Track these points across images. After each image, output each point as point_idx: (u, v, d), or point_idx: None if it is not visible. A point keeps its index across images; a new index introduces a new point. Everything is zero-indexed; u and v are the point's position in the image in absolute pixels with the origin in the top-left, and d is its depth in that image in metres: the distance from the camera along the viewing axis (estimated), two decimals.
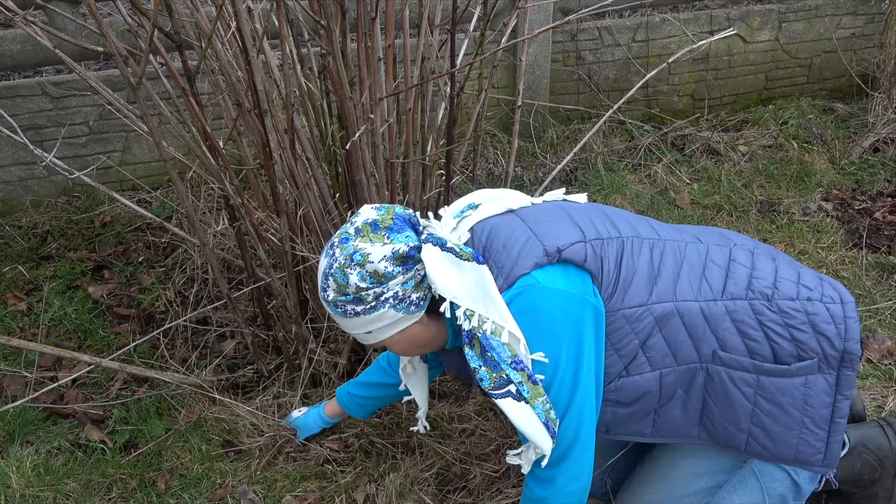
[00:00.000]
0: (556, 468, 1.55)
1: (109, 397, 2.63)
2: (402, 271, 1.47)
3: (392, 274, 1.46)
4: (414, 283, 1.50)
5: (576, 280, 1.47)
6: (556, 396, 1.47)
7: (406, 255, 1.47)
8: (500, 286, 1.45)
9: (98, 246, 3.40)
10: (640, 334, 1.52)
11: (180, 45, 1.91)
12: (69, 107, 3.54)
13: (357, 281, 1.45)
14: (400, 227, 1.50)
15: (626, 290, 1.51)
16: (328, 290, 1.50)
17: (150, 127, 1.96)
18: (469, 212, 1.63)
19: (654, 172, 4.05)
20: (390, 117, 2.24)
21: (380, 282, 1.46)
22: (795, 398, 1.55)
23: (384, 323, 1.51)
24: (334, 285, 1.48)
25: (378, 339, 1.55)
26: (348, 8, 1.94)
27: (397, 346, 1.59)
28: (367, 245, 1.46)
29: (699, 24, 4.44)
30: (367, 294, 1.47)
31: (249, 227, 2.27)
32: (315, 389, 2.54)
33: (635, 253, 1.54)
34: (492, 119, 4.15)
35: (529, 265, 1.44)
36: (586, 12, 2.27)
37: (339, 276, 1.47)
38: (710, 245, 1.62)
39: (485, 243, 1.52)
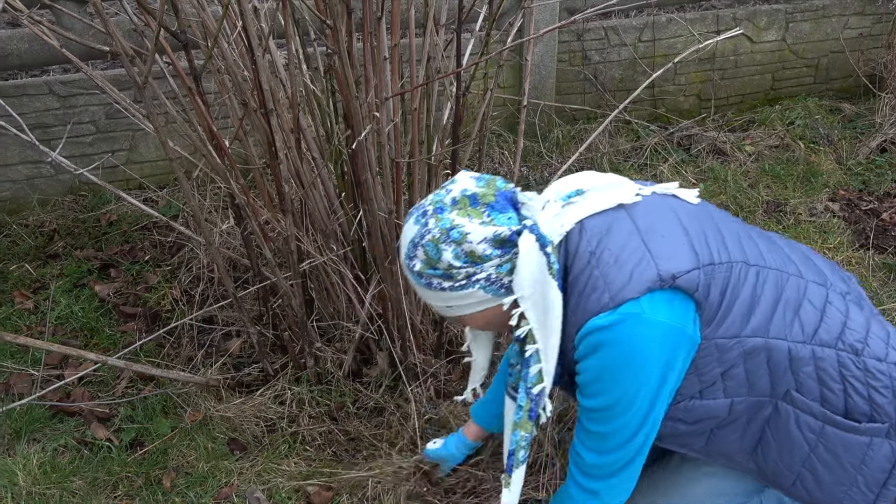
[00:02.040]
0: (604, 482, 1.52)
1: (115, 395, 2.63)
2: (500, 255, 1.40)
3: (489, 256, 1.39)
4: (509, 268, 1.42)
5: (680, 310, 1.39)
6: (627, 422, 1.43)
7: (506, 240, 1.39)
8: (604, 303, 1.36)
9: (104, 244, 3.41)
10: (725, 364, 1.45)
11: (186, 44, 1.92)
12: (76, 106, 3.55)
13: (451, 258, 1.38)
14: (502, 206, 1.42)
15: (724, 319, 1.43)
16: (415, 260, 1.42)
17: (156, 126, 1.97)
18: (576, 198, 1.51)
19: (660, 172, 4.04)
20: (396, 117, 2.24)
21: (475, 262, 1.39)
22: (855, 456, 1.50)
23: (469, 301, 1.45)
24: (423, 257, 1.41)
25: (457, 314, 1.48)
26: (354, 7, 1.94)
27: (474, 322, 1.52)
28: (466, 221, 1.38)
29: (705, 24, 4.43)
30: (459, 272, 1.40)
31: (255, 226, 2.28)
32: (320, 387, 2.54)
33: (741, 281, 1.45)
34: (497, 119, 4.15)
35: (641, 289, 1.35)
36: (592, 12, 2.27)
37: (431, 250, 1.39)
38: (808, 282, 1.54)
39: (593, 249, 1.42)
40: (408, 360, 2.48)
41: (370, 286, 2.41)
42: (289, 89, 2.17)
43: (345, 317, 2.57)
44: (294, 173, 2.23)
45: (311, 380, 2.55)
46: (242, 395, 2.57)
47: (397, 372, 2.54)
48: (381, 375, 2.57)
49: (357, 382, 2.58)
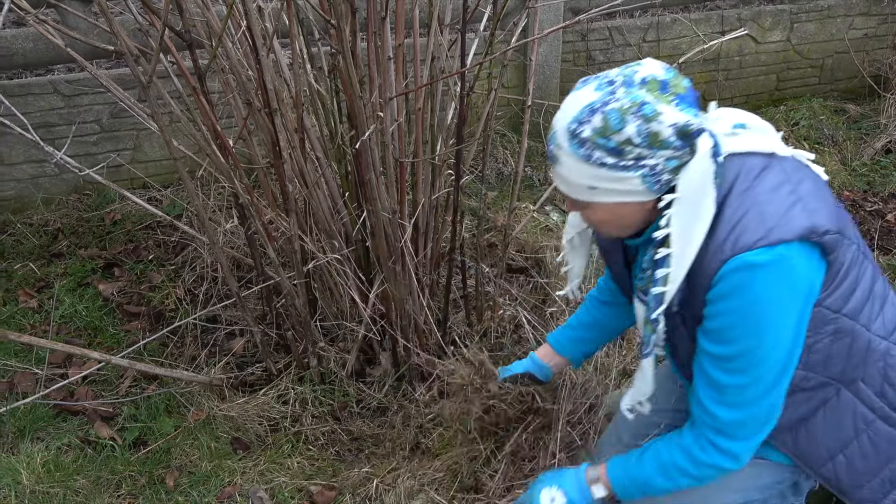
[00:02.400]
0: (745, 442, 1.48)
1: (119, 394, 2.64)
2: (677, 147, 1.32)
3: (668, 144, 1.31)
4: (676, 165, 1.35)
5: (816, 267, 1.36)
6: (767, 371, 1.39)
7: (690, 134, 1.32)
8: (758, 238, 1.30)
9: (108, 244, 3.42)
10: (817, 335, 1.43)
11: (191, 43, 1.92)
12: (81, 105, 3.56)
13: (632, 133, 1.30)
14: (690, 101, 1.35)
15: (834, 291, 1.40)
16: (586, 126, 1.32)
17: (160, 125, 1.97)
18: (739, 131, 1.46)
19: None
20: (400, 117, 2.24)
21: (652, 146, 1.31)
22: (894, 450, 1.53)
23: (618, 188, 1.36)
24: (600, 124, 1.31)
25: (593, 200, 1.40)
26: (359, 7, 1.94)
27: (599, 215, 1.44)
28: (657, 102, 1.31)
29: (710, 25, 4.42)
30: (631, 151, 1.31)
31: (259, 225, 2.28)
32: (323, 386, 2.54)
33: (853, 261, 1.43)
34: (501, 119, 4.14)
35: (795, 234, 1.30)
36: (597, 12, 2.27)
37: (614, 118, 1.30)
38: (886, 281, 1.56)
39: (750, 184, 1.36)
40: (411, 360, 2.48)
41: (374, 286, 2.41)
42: (293, 89, 2.18)
43: (348, 317, 2.57)
44: (298, 173, 2.23)
45: (315, 379, 2.55)
46: (246, 394, 2.57)
47: (400, 372, 2.54)
48: (384, 375, 2.57)
49: (360, 382, 2.58)
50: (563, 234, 1.81)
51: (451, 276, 2.52)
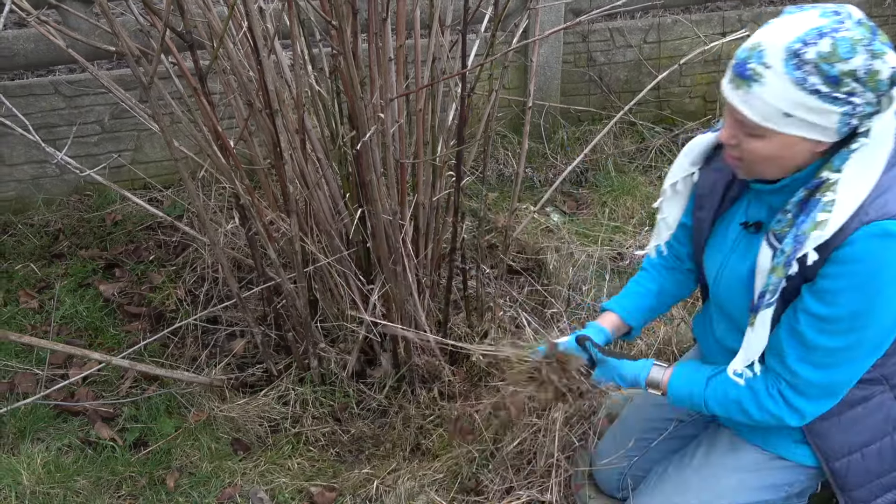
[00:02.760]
0: (816, 403, 1.48)
1: (120, 395, 2.64)
2: (882, 92, 1.29)
3: (880, 87, 1.28)
4: (869, 111, 1.31)
5: None
6: (864, 339, 1.39)
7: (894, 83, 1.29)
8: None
9: (109, 244, 3.42)
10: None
11: (192, 44, 1.92)
12: (82, 106, 3.56)
13: (858, 66, 1.25)
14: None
15: None
16: (811, 47, 1.26)
17: (161, 126, 1.97)
18: None
19: (665, 174, 4.03)
20: (401, 118, 2.24)
21: (867, 84, 1.27)
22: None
23: (816, 121, 1.31)
24: (827, 49, 1.26)
25: (779, 130, 1.33)
26: (359, 8, 1.94)
27: (771, 150, 1.37)
28: (880, 42, 1.28)
29: (711, 26, 4.42)
30: (847, 85, 1.27)
31: (260, 226, 2.28)
32: (324, 387, 2.54)
33: None
34: (502, 120, 4.14)
35: None
36: (598, 13, 2.27)
37: (844, 47, 1.25)
38: None
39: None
40: (411, 361, 2.48)
41: (374, 287, 2.41)
42: (294, 90, 2.18)
43: (349, 318, 2.57)
44: (299, 174, 2.23)
45: (315, 380, 2.55)
46: (246, 395, 2.57)
47: (401, 373, 2.54)
48: (384, 376, 2.57)
49: (361, 383, 2.58)
50: (665, 179, 1.76)
51: (451, 278, 2.52)
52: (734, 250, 1.59)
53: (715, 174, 1.64)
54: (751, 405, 1.53)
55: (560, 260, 3.15)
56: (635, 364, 1.70)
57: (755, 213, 1.55)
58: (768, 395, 1.51)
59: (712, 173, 1.65)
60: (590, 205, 3.82)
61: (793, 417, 1.50)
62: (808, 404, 1.49)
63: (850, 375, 1.46)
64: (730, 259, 1.60)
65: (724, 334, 1.70)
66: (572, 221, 3.63)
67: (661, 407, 1.98)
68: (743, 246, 1.57)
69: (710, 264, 1.67)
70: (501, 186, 3.91)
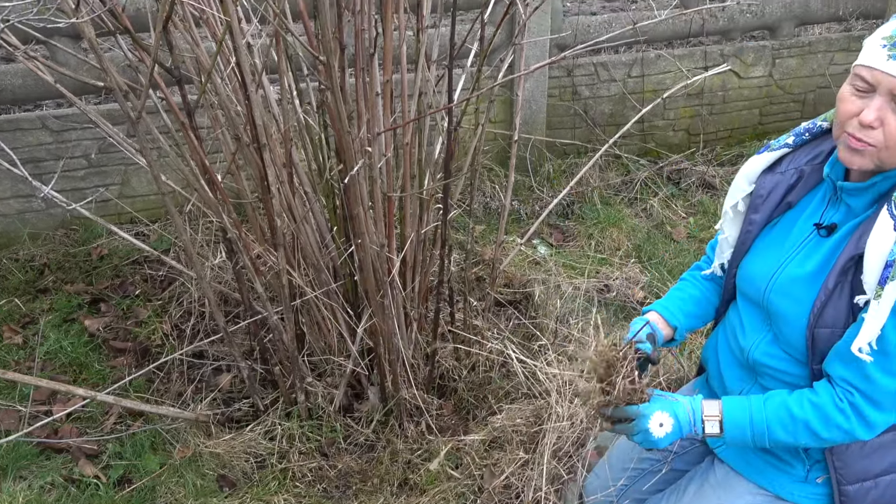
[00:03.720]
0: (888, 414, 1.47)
1: (104, 431, 2.61)
2: None
3: None
4: None
5: None
6: None
7: None
8: None
9: (95, 279, 3.40)
10: None
11: (180, 79, 1.93)
12: (69, 140, 3.56)
13: None
14: None
15: None
16: None
17: (149, 160, 1.98)
18: None
19: (651, 206, 4.07)
20: (388, 151, 2.25)
21: None
22: None
23: None
24: None
25: None
26: (347, 44, 1.96)
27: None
28: None
29: (694, 60, 4.48)
30: None
31: (247, 260, 2.28)
32: (311, 422, 2.52)
33: None
34: (489, 153, 4.17)
35: None
36: (582, 48, 2.30)
37: None
38: None
39: None
40: (399, 394, 2.47)
41: (362, 320, 2.40)
42: (282, 124, 2.19)
43: (336, 351, 2.56)
44: (286, 207, 2.24)
45: (302, 415, 2.53)
46: (232, 430, 2.54)
47: (388, 407, 2.52)
48: (372, 410, 2.55)
49: (348, 417, 2.56)
50: (725, 202, 1.76)
51: (438, 310, 2.52)
52: (798, 252, 1.57)
53: (777, 177, 1.64)
54: (818, 422, 1.49)
55: (547, 292, 3.16)
56: (685, 396, 1.62)
57: (831, 215, 1.55)
58: (838, 409, 1.47)
59: (775, 176, 1.65)
60: (576, 237, 3.83)
61: (864, 430, 1.47)
62: (880, 415, 1.47)
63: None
64: (791, 261, 1.58)
65: (758, 343, 1.64)
66: (559, 254, 3.64)
67: None
68: (809, 248, 1.56)
69: (760, 269, 1.64)
70: (488, 219, 3.93)
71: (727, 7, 4.42)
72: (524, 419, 2.49)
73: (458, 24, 2.36)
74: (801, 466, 1.62)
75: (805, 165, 1.61)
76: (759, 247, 1.67)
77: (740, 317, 1.70)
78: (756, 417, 1.54)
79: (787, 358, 1.58)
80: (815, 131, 1.64)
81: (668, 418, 1.55)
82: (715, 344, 1.81)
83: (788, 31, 4.68)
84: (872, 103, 1.38)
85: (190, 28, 2.13)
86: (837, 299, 1.46)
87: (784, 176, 1.63)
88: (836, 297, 1.46)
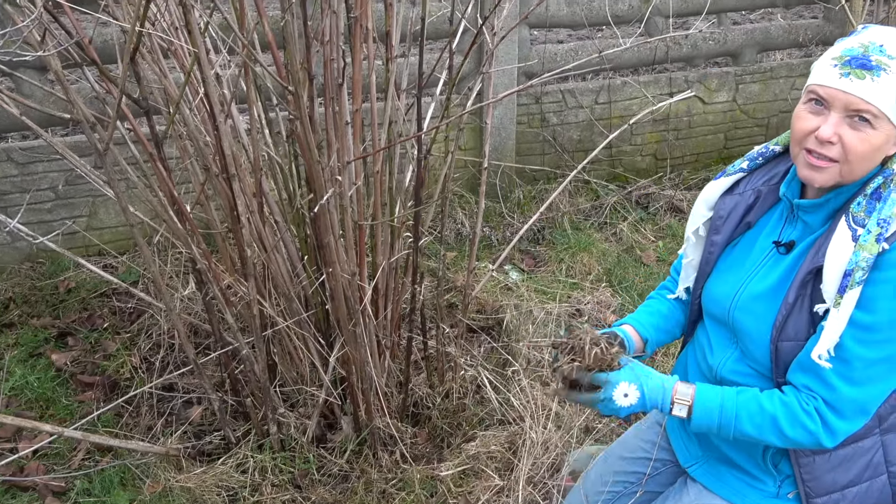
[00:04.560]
0: (850, 423, 1.49)
1: (72, 468, 2.56)
2: None
3: None
4: None
5: None
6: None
7: None
8: None
9: (62, 312, 3.35)
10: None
11: (148, 110, 1.92)
12: (35, 172, 3.52)
13: None
14: None
15: None
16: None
17: (116, 192, 1.96)
18: None
19: (620, 231, 4.11)
20: (358, 180, 2.26)
21: None
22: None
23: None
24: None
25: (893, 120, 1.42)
26: (316, 74, 1.97)
27: (875, 142, 1.44)
28: None
29: (659, 87, 4.56)
30: None
31: (217, 291, 2.26)
32: (284, 454, 2.49)
33: None
34: (459, 180, 4.20)
35: None
36: (549, 76, 2.33)
37: None
38: None
39: None
40: (373, 423, 2.45)
41: (334, 349, 2.39)
42: (251, 154, 2.19)
43: (308, 381, 2.54)
44: (256, 237, 2.23)
45: (275, 447, 2.50)
46: (203, 464, 2.51)
47: (362, 436, 2.51)
48: (345, 440, 2.53)
49: (321, 448, 2.54)
50: (686, 228, 1.80)
51: (411, 338, 2.51)
52: (758, 270, 1.61)
53: (736, 198, 1.69)
54: (786, 422, 1.50)
55: (519, 317, 3.17)
56: (660, 374, 1.63)
57: (789, 233, 1.59)
58: (805, 411, 1.49)
59: (734, 197, 1.70)
60: (547, 262, 3.85)
61: (826, 437, 1.49)
62: (843, 423, 1.48)
63: (882, 393, 1.48)
64: (752, 279, 1.61)
65: (725, 361, 1.67)
66: (530, 279, 3.66)
67: (627, 460, 1.97)
68: (769, 265, 1.60)
69: (723, 289, 1.67)
70: (460, 246, 3.94)
71: (690, 35, 4.51)
72: (499, 445, 2.48)
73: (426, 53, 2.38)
74: (772, 482, 1.64)
75: (762, 186, 1.66)
76: (721, 267, 1.71)
77: (708, 336, 1.73)
78: (727, 405, 1.55)
79: (753, 374, 1.61)
80: (768, 155, 1.70)
81: (634, 390, 1.56)
82: (685, 364, 1.83)
83: (750, 57, 4.79)
84: (829, 120, 1.43)
85: (158, 59, 2.13)
86: (798, 312, 1.51)
87: (742, 197, 1.68)
88: (797, 310, 1.50)
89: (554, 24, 4.27)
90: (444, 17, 3.54)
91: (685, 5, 4.49)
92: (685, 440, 1.82)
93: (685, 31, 4.26)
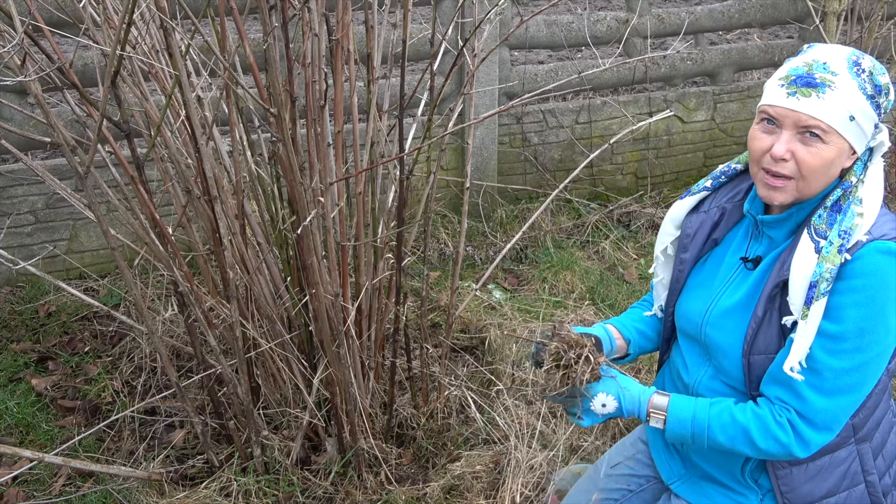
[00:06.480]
0: (823, 434, 1.51)
1: (53, 494, 2.53)
2: (886, 111, 1.52)
3: (890, 105, 1.52)
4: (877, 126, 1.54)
5: None
6: (871, 359, 1.47)
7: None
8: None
9: (42, 336, 3.32)
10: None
11: (129, 133, 1.92)
12: (15, 196, 3.50)
13: (887, 80, 1.49)
14: None
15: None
16: (863, 59, 1.49)
17: (97, 214, 1.95)
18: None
19: (602, 249, 4.13)
20: (341, 201, 2.27)
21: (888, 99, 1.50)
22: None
23: (864, 127, 1.48)
24: (871, 63, 1.49)
25: (843, 134, 1.47)
26: (298, 96, 1.98)
27: (827, 155, 1.47)
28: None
29: (638, 106, 4.61)
30: (882, 98, 1.49)
31: (199, 313, 2.25)
32: (268, 477, 2.48)
33: None
34: (441, 200, 4.21)
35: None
36: (530, 97, 2.35)
37: (878, 64, 1.50)
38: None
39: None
40: (357, 445, 2.44)
41: (317, 371, 2.38)
42: (233, 176, 2.19)
43: (292, 403, 2.53)
44: (239, 259, 2.23)
45: (258, 470, 2.48)
46: (186, 488, 2.48)
47: (347, 458, 2.49)
48: (330, 462, 2.51)
49: (305, 470, 2.52)
50: (655, 247, 1.84)
51: (395, 359, 2.51)
52: (727, 287, 1.64)
53: (702, 216, 1.73)
54: (758, 433, 1.52)
55: (503, 337, 3.17)
56: (639, 386, 1.65)
57: (755, 248, 1.63)
58: (777, 423, 1.51)
59: (700, 215, 1.74)
60: (530, 281, 3.87)
61: (799, 447, 1.51)
62: (816, 434, 1.50)
63: (853, 404, 1.50)
64: (721, 295, 1.64)
65: (700, 379, 1.69)
66: (514, 298, 3.67)
67: (612, 478, 1.98)
68: (738, 281, 1.63)
69: (694, 305, 1.70)
70: (443, 265, 3.94)
71: (668, 55, 4.57)
72: (484, 465, 2.48)
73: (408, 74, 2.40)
74: (754, 497, 1.65)
75: (726, 203, 1.71)
76: (691, 285, 1.74)
77: (682, 355, 1.76)
78: (699, 415, 1.58)
79: (727, 390, 1.63)
80: (731, 173, 1.74)
81: (612, 401, 1.61)
82: (661, 384, 1.86)
83: (728, 76, 4.85)
84: (781, 138, 1.48)
85: (139, 82, 2.14)
86: (767, 326, 1.54)
87: (708, 214, 1.72)
88: (766, 323, 1.54)
89: (534, 45, 4.32)
90: (424, 39, 3.56)
91: (662, 26, 4.55)
92: (667, 457, 1.83)
93: (663, 52, 4.32)
